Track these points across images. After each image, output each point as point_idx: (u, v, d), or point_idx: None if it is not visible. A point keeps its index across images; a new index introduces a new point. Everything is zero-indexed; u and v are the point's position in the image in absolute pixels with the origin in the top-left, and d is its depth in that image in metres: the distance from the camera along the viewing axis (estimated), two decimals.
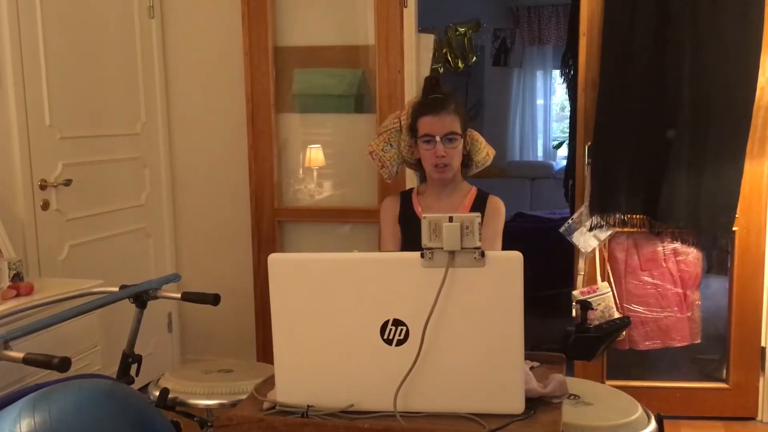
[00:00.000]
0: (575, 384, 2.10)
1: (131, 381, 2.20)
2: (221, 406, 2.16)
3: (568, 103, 4.83)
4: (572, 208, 3.31)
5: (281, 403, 1.59)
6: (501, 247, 2.42)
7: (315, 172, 3.61)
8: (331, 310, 1.55)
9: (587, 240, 3.15)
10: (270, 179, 3.54)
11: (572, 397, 2.00)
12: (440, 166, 2.38)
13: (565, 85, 4.00)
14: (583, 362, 3.19)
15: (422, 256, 1.50)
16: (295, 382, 1.58)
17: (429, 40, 3.48)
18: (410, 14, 3.30)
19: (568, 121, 4.44)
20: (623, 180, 3.08)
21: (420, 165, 2.49)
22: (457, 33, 6.63)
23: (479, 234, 1.48)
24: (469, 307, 1.49)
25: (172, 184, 3.81)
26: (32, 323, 1.89)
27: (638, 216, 3.10)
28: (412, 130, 2.44)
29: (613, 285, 3.18)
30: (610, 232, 3.13)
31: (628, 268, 3.22)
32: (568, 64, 3.82)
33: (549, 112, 8.21)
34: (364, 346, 1.53)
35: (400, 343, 1.52)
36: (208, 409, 2.21)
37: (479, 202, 2.46)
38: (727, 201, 3.02)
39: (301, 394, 1.57)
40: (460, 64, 6.73)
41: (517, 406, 1.51)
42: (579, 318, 2.82)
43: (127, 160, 3.53)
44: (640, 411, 1.95)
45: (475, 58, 7.03)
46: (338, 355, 1.55)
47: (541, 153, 8.25)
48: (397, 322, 1.52)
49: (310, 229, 3.64)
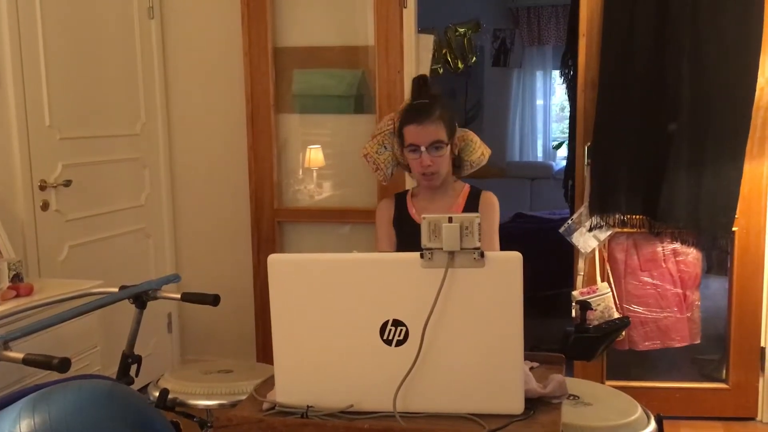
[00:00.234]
0: (575, 384, 2.10)
1: (131, 381, 2.20)
2: (221, 406, 2.16)
3: (567, 104, 4.83)
4: (572, 209, 3.31)
5: (281, 404, 1.59)
6: (499, 241, 2.43)
7: (315, 173, 3.61)
8: (331, 311, 1.55)
9: (587, 240, 3.15)
10: (270, 180, 3.54)
11: (572, 397, 2.00)
12: (427, 174, 2.39)
13: (565, 86, 4.00)
14: (583, 362, 3.19)
15: (422, 256, 1.50)
16: (295, 383, 1.58)
17: (429, 40, 3.48)
18: (410, 15, 3.30)
19: (568, 121, 4.44)
20: (623, 180, 3.08)
21: None
22: (457, 33, 6.64)
23: (479, 234, 1.49)
24: (469, 307, 1.49)
25: (171, 185, 3.81)
26: (32, 324, 1.89)
27: (638, 216, 3.11)
28: (400, 137, 2.43)
29: (613, 285, 3.18)
30: (609, 233, 3.13)
31: (628, 269, 3.22)
32: (568, 65, 3.83)
33: (549, 112, 8.20)
34: (364, 346, 1.53)
35: (400, 343, 1.52)
36: (208, 410, 2.21)
37: (472, 199, 2.46)
38: (726, 201, 3.02)
39: (300, 395, 1.57)
40: (460, 65, 6.74)
41: (517, 407, 1.51)
42: (578, 318, 2.82)
43: (126, 161, 3.53)
44: (639, 411, 1.95)
45: (475, 59, 7.04)
46: (338, 356, 1.56)
47: (540, 153, 8.24)
48: (397, 323, 1.52)
49: (310, 230, 3.64)
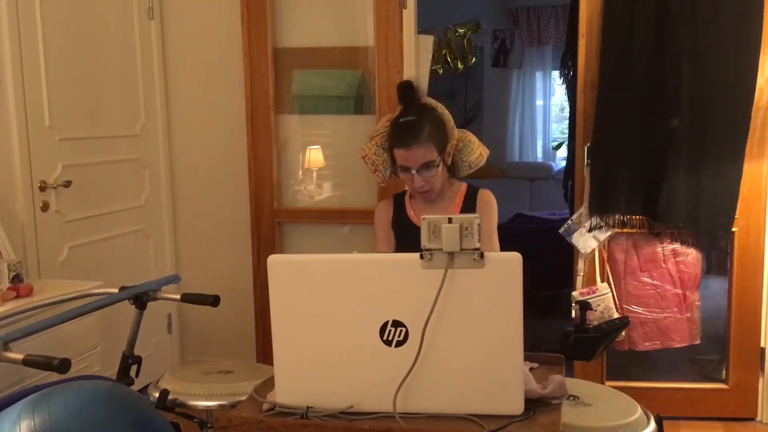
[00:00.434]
0: (575, 385, 2.10)
1: (131, 382, 2.19)
2: (221, 407, 2.16)
3: (567, 104, 4.83)
4: (572, 209, 3.31)
5: (281, 404, 1.59)
6: (498, 239, 2.43)
7: (314, 173, 3.61)
8: (331, 312, 1.55)
9: (587, 241, 3.15)
10: (269, 180, 3.54)
11: (572, 397, 2.00)
12: (422, 192, 2.40)
13: (565, 86, 4.00)
14: (583, 363, 3.19)
15: (421, 257, 1.50)
16: (295, 383, 1.58)
17: (428, 41, 3.47)
18: (409, 15, 3.30)
19: (568, 121, 4.44)
20: (623, 181, 3.08)
21: None
22: (457, 34, 6.65)
23: (478, 235, 1.49)
24: (469, 308, 1.49)
25: (171, 185, 3.81)
26: (32, 324, 1.89)
27: (638, 217, 3.11)
28: (390, 153, 2.42)
29: (613, 286, 3.18)
30: (609, 233, 3.13)
31: (628, 269, 3.22)
32: (568, 65, 3.83)
33: (548, 112, 8.19)
34: (364, 347, 1.53)
35: (400, 344, 1.52)
36: (208, 411, 2.21)
37: (470, 198, 2.46)
38: (726, 201, 3.02)
39: (300, 395, 1.57)
40: (460, 65, 6.76)
41: (517, 407, 1.51)
42: (578, 318, 2.82)
43: (126, 161, 3.53)
44: (639, 412, 1.95)
45: (475, 59, 7.06)
46: (338, 357, 1.56)
47: (540, 154, 8.24)
48: (397, 323, 1.52)
49: (310, 230, 3.64)
